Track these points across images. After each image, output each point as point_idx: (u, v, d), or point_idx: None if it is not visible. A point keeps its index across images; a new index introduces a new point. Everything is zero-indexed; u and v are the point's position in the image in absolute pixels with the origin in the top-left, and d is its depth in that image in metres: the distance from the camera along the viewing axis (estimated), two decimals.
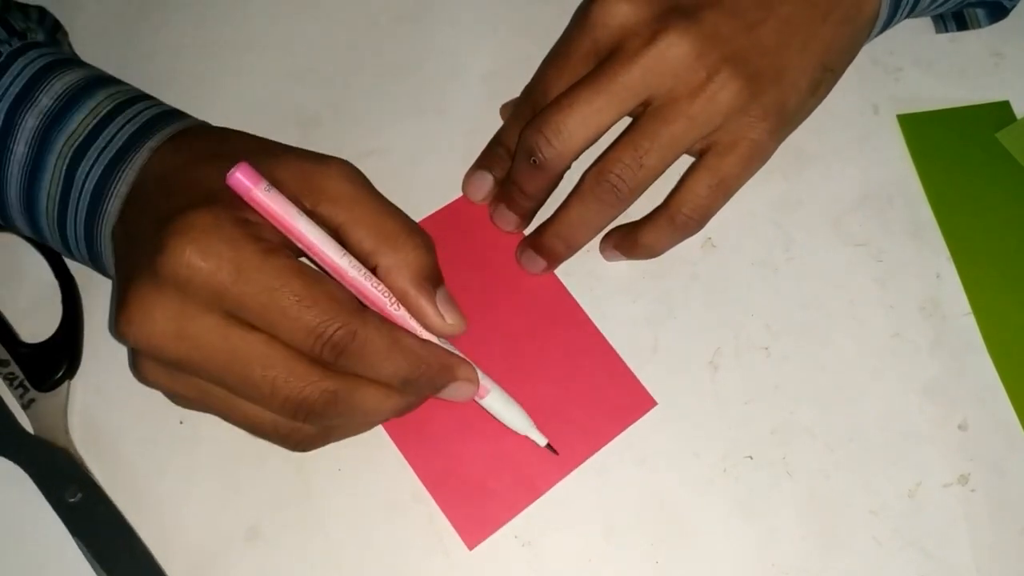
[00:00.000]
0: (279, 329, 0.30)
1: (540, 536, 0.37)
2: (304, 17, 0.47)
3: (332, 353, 0.30)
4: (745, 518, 0.37)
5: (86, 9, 0.47)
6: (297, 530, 0.37)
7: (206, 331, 0.30)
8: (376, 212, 0.33)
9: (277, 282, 0.30)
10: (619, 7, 0.37)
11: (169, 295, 0.30)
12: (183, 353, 0.30)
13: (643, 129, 0.37)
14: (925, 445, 0.39)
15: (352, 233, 0.32)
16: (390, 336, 0.31)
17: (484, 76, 0.46)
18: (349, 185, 0.32)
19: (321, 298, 0.30)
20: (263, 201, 0.31)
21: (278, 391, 0.30)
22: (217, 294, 0.29)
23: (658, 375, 0.40)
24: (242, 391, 0.31)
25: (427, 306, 0.33)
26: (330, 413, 0.31)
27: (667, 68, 0.36)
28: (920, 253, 0.42)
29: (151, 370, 0.33)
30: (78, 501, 0.36)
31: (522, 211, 0.41)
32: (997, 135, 0.44)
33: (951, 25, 0.47)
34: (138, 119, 0.35)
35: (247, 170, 0.30)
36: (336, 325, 0.30)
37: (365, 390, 0.32)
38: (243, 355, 0.30)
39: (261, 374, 0.30)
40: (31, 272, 0.41)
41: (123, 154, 0.34)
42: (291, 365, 0.30)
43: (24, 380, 0.38)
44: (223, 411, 0.33)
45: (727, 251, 0.42)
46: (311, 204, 0.32)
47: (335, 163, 0.33)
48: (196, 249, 0.29)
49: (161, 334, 0.30)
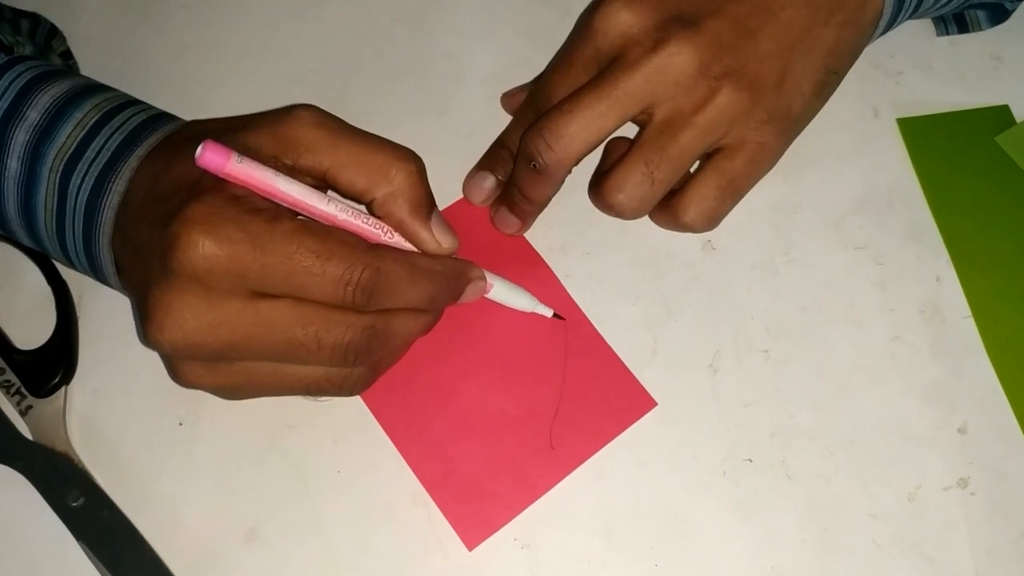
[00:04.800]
0: (308, 289, 0.31)
1: (539, 538, 0.37)
2: (305, 19, 0.47)
3: (364, 296, 0.31)
4: (744, 521, 0.37)
5: (87, 11, 0.47)
6: (297, 531, 0.37)
7: (238, 314, 0.31)
8: (357, 149, 0.33)
9: (292, 246, 0.30)
10: (621, 15, 0.37)
11: (192, 291, 0.30)
12: (222, 342, 0.31)
13: (652, 143, 0.37)
14: (925, 448, 0.39)
15: (341, 176, 0.33)
16: (408, 263, 0.33)
17: (484, 78, 0.46)
18: (321, 130, 0.33)
19: (337, 247, 0.31)
20: (238, 172, 0.31)
21: (324, 343, 0.32)
22: (240, 275, 0.30)
23: (658, 378, 0.40)
24: (289, 356, 0.32)
25: (423, 232, 0.34)
26: (376, 348, 0.33)
27: (669, 77, 0.36)
28: (920, 256, 0.42)
29: (191, 371, 0.33)
30: (81, 505, 0.36)
31: (523, 214, 0.41)
32: (997, 139, 0.44)
33: (952, 27, 0.47)
34: (125, 128, 0.35)
35: (213, 147, 0.30)
36: (360, 268, 0.31)
37: (400, 317, 0.34)
38: (280, 322, 0.31)
39: (303, 333, 0.31)
40: (24, 279, 0.41)
41: (112, 165, 0.34)
42: (327, 315, 0.31)
43: (20, 387, 0.38)
44: (274, 384, 0.34)
45: (727, 253, 0.42)
46: (292, 159, 0.32)
47: (299, 112, 0.33)
48: (208, 239, 0.29)
49: (195, 331, 0.30)
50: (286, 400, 0.38)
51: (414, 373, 0.39)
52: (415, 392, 0.39)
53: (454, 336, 0.40)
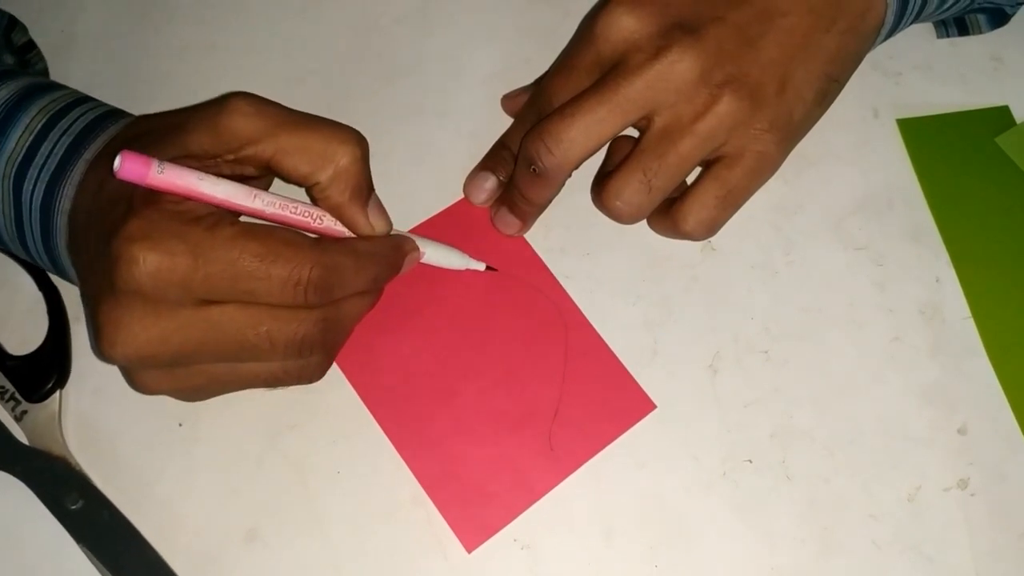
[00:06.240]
0: (256, 292, 0.31)
1: (539, 539, 0.37)
2: (305, 19, 0.47)
3: (316, 294, 0.32)
4: (744, 522, 0.37)
5: (88, 11, 0.47)
6: (296, 532, 0.37)
7: (188, 322, 0.31)
8: (298, 135, 0.33)
9: (234, 252, 0.30)
10: (623, 20, 0.36)
11: (140, 305, 0.30)
12: (175, 350, 0.31)
13: (651, 150, 0.37)
14: (924, 449, 0.39)
15: (284, 163, 0.33)
16: (352, 252, 0.33)
17: (484, 79, 0.46)
18: (259, 119, 0.32)
19: (280, 248, 0.31)
20: (159, 182, 0.30)
21: (277, 342, 0.32)
22: (184, 286, 0.30)
23: (657, 378, 0.40)
24: (243, 356, 0.32)
25: (359, 217, 0.34)
26: (329, 337, 0.34)
27: (670, 85, 0.36)
28: (920, 257, 0.42)
29: (150, 379, 0.33)
30: (80, 508, 0.36)
31: (523, 215, 0.41)
32: (997, 139, 0.44)
33: (952, 30, 0.47)
34: (72, 129, 0.35)
35: (132, 159, 0.30)
36: (307, 267, 0.31)
37: (348, 303, 0.34)
38: (230, 326, 0.31)
39: (255, 334, 0.32)
40: (15, 285, 0.41)
41: (62, 169, 0.34)
42: (276, 314, 0.32)
43: (15, 392, 0.38)
44: (234, 382, 0.34)
45: (727, 254, 0.42)
46: (234, 153, 0.32)
47: (236, 103, 0.32)
48: (150, 255, 0.29)
49: (146, 343, 0.31)
50: (286, 400, 0.38)
51: (414, 374, 0.39)
52: (415, 393, 0.39)
53: (454, 337, 0.40)
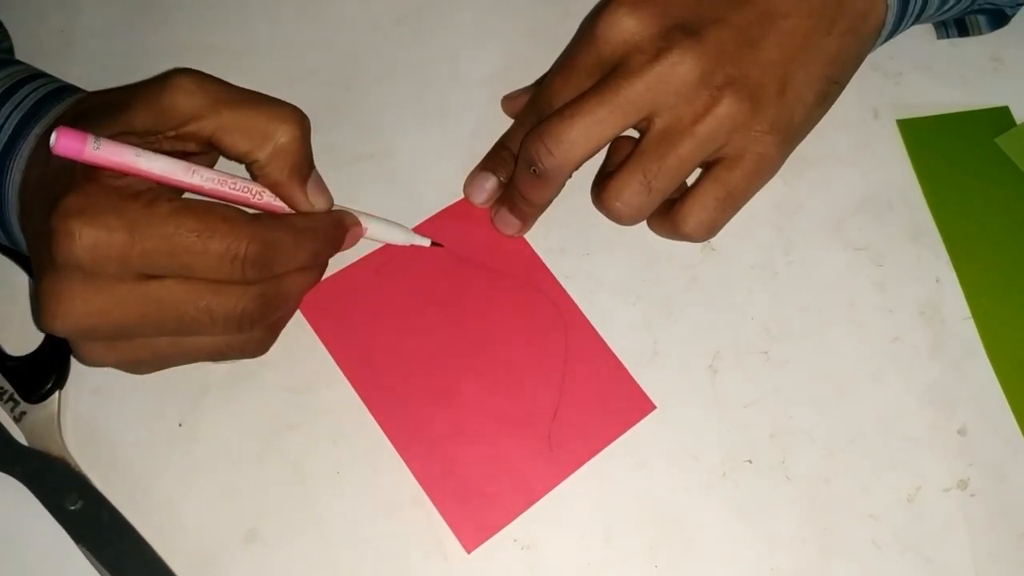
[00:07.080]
0: (194, 267, 0.31)
1: (539, 539, 0.37)
2: (305, 19, 0.47)
3: (254, 269, 0.32)
4: (744, 522, 0.37)
5: (87, 10, 0.47)
6: (296, 533, 0.37)
7: (127, 296, 0.31)
8: (239, 113, 0.33)
9: (170, 227, 0.30)
10: (624, 22, 0.36)
11: (79, 279, 0.31)
12: (116, 323, 0.31)
13: (651, 152, 0.37)
14: (924, 449, 0.39)
15: (224, 140, 0.33)
16: (290, 228, 0.34)
17: (485, 79, 0.46)
18: (201, 96, 0.33)
19: (218, 224, 0.31)
20: (95, 158, 0.31)
21: (216, 316, 0.32)
22: (122, 261, 0.30)
23: (657, 379, 0.40)
24: (184, 331, 0.33)
25: (298, 194, 0.35)
26: (269, 312, 0.34)
27: (671, 87, 0.36)
28: (920, 257, 0.42)
29: (93, 351, 0.33)
30: (79, 508, 0.36)
31: (524, 216, 0.41)
32: (996, 140, 0.45)
33: (952, 31, 0.47)
34: (24, 104, 0.35)
35: (67, 134, 0.30)
36: (244, 242, 0.31)
37: (288, 279, 0.34)
38: (170, 301, 0.32)
39: (194, 308, 0.32)
40: (13, 286, 0.41)
41: (13, 143, 0.35)
42: (216, 288, 0.32)
43: (14, 393, 0.38)
44: (177, 355, 0.34)
45: (727, 254, 0.42)
46: (175, 130, 0.32)
47: (178, 80, 0.33)
48: (86, 229, 0.30)
49: (86, 315, 0.31)
50: (286, 400, 0.39)
51: (414, 374, 0.39)
52: (415, 393, 0.39)
53: (454, 337, 0.40)
